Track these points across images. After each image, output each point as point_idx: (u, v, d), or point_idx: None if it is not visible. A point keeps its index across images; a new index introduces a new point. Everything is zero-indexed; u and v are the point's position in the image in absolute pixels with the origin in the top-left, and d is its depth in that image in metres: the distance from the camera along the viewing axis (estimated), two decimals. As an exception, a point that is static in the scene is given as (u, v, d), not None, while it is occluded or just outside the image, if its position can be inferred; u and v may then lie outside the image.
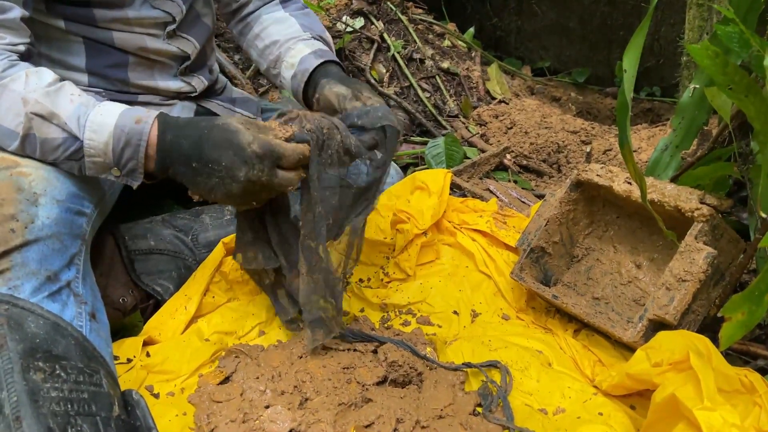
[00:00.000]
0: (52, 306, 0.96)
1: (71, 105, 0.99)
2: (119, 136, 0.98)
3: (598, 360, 1.16)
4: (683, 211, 1.11)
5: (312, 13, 1.44)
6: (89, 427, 0.80)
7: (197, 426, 1.00)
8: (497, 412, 1.03)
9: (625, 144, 1.02)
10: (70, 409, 0.80)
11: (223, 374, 1.10)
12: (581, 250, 1.37)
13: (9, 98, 0.97)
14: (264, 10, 1.41)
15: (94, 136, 0.98)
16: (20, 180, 0.99)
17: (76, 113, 0.98)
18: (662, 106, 3.02)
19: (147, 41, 1.23)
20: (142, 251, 1.34)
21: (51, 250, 0.99)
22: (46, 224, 0.99)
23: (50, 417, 0.76)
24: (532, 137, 2.20)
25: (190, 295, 1.26)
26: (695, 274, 1.05)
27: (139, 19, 1.20)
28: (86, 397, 0.83)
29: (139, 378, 1.09)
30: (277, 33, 1.36)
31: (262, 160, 0.97)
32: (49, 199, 1.01)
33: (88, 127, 0.98)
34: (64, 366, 0.83)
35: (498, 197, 1.81)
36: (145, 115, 0.99)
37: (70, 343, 0.87)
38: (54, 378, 0.81)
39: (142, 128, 0.98)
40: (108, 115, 0.99)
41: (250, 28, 1.41)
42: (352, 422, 0.97)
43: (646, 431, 0.94)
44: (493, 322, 1.30)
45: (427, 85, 2.56)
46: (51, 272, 0.99)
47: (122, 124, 0.98)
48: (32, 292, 0.95)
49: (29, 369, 0.79)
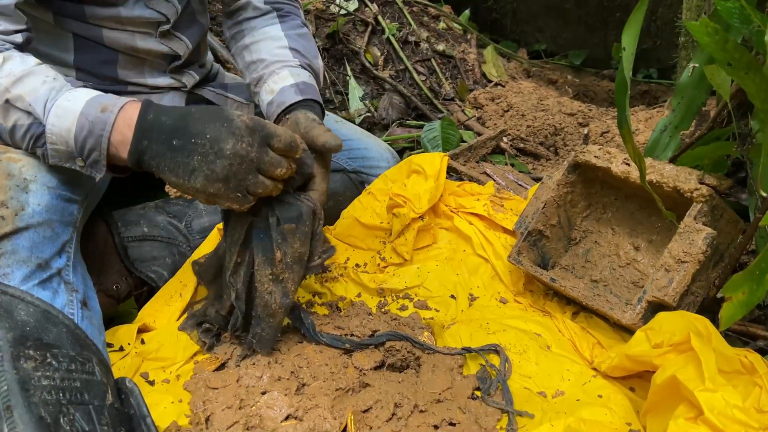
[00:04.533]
0: (42, 294, 0.95)
1: (42, 87, 0.92)
2: (83, 124, 0.91)
3: (596, 342, 1.15)
4: (682, 191, 1.10)
5: (308, 34, 1.37)
6: (82, 415, 0.79)
7: (193, 413, 0.99)
8: (496, 395, 1.02)
9: (624, 124, 1.01)
10: (62, 397, 0.78)
11: (219, 360, 1.09)
12: (579, 233, 1.36)
13: None
14: (260, 22, 1.35)
15: (56, 121, 0.92)
16: (10, 165, 0.97)
17: (45, 96, 0.92)
18: (659, 88, 3.00)
19: (137, 41, 1.20)
20: (136, 238, 1.32)
21: (42, 238, 0.98)
22: (36, 211, 0.97)
23: (42, 406, 0.75)
24: (528, 120, 2.18)
25: (185, 281, 1.25)
26: (694, 255, 1.04)
27: (131, 19, 1.17)
28: (78, 386, 0.82)
29: (134, 365, 1.08)
30: (266, 51, 1.30)
31: (252, 133, 0.90)
32: (40, 185, 0.99)
33: (52, 112, 0.91)
34: (56, 354, 0.82)
35: (495, 180, 1.80)
36: (111, 103, 0.92)
37: (62, 331, 0.86)
38: (45, 366, 0.79)
39: (107, 117, 0.91)
40: (75, 100, 0.92)
41: (242, 37, 1.36)
42: (350, 407, 0.96)
43: (646, 413, 0.94)
44: (490, 306, 1.29)
45: (423, 68, 2.53)
46: (42, 260, 0.97)
47: (87, 112, 0.91)
48: (22, 280, 0.94)
49: (19, 357, 0.78)
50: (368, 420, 0.95)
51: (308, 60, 1.30)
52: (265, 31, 1.33)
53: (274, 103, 1.22)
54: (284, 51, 1.29)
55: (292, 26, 1.35)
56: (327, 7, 2.55)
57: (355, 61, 2.47)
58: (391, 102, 2.31)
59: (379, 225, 1.43)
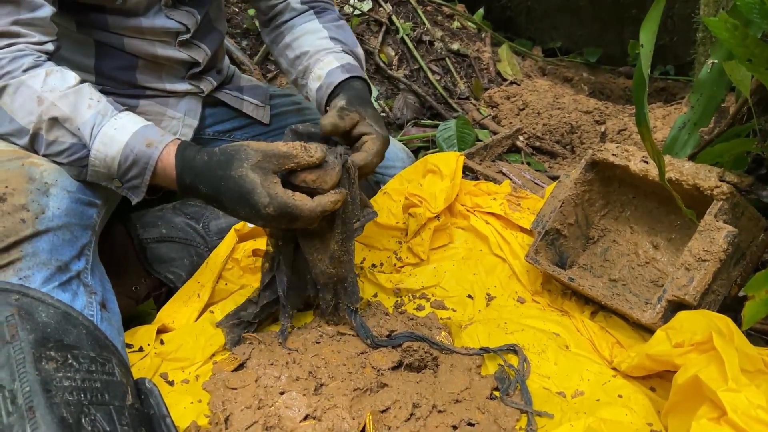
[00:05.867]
0: (62, 296, 0.96)
1: (89, 111, 0.99)
2: (127, 155, 0.99)
3: (616, 342, 1.14)
4: (702, 189, 1.09)
5: (346, 25, 1.40)
6: (103, 416, 0.79)
7: (212, 413, 0.99)
8: (515, 395, 1.01)
9: (642, 121, 1.00)
10: (84, 398, 0.79)
11: (238, 361, 1.10)
12: (597, 232, 1.35)
13: (24, 95, 0.97)
14: (297, 21, 1.37)
15: (102, 148, 0.99)
16: (32, 170, 0.98)
17: (92, 121, 0.99)
18: (676, 84, 2.97)
19: (158, 48, 1.22)
20: (154, 239, 1.34)
21: (61, 241, 0.99)
22: (56, 215, 0.98)
23: (63, 406, 0.75)
24: (544, 118, 2.17)
25: (203, 282, 1.25)
26: (715, 253, 1.03)
27: (152, 28, 1.19)
28: (99, 386, 0.82)
29: (154, 366, 1.09)
30: (308, 44, 1.33)
31: (279, 220, 0.97)
32: (60, 189, 1.00)
33: (98, 139, 0.98)
34: (76, 355, 0.83)
35: (511, 179, 1.79)
36: (157, 139, 0.99)
37: (82, 333, 0.86)
38: (66, 367, 0.80)
39: (152, 153, 0.98)
40: (121, 130, 0.99)
41: (282, 38, 1.38)
42: (368, 407, 0.96)
43: (667, 413, 0.93)
44: (508, 306, 1.28)
45: (437, 68, 2.53)
46: (61, 263, 0.98)
47: (133, 144, 0.98)
48: (43, 282, 0.95)
49: (41, 359, 0.78)
50: (387, 420, 0.95)
51: (349, 47, 1.33)
52: (303, 27, 1.35)
53: (323, 87, 1.26)
54: (325, 41, 1.32)
55: (330, 19, 1.38)
56: (341, 8, 2.55)
57: (369, 61, 2.47)
58: (406, 102, 2.31)
59: (395, 225, 1.43)
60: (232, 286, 1.29)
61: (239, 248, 1.32)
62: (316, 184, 0.99)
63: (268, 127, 1.49)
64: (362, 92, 1.22)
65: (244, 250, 1.32)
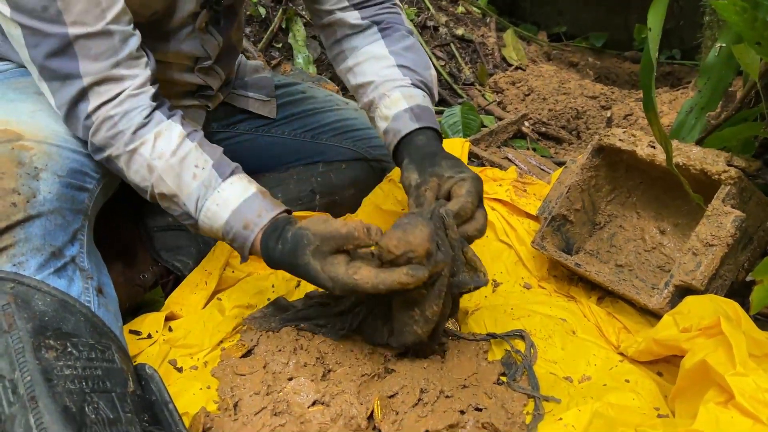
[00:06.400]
0: (58, 282, 0.95)
1: (194, 182, 1.01)
2: (227, 231, 1.02)
3: (622, 327, 1.14)
4: (710, 174, 1.09)
5: (416, 44, 1.26)
6: (105, 403, 0.78)
7: (221, 399, 1.00)
8: (522, 380, 1.02)
9: (650, 106, 0.99)
10: (85, 386, 0.78)
11: (246, 347, 1.10)
12: (604, 217, 1.34)
13: (137, 163, 1.01)
14: (361, 41, 1.23)
15: (207, 221, 1.02)
16: (21, 154, 0.97)
17: (197, 193, 1.01)
18: (682, 69, 2.96)
19: (174, 73, 1.20)
20: (161, 227, 1.34)
21: (54, 225, 0.97)
22: (47, 199, 0.97)
23: (66, 395, 0.75)
24: (550, 103, 2.16)
25: (210, 270, 1.26)
26: (723, 238, 1.03)
27: (177, 53, 1.16)
28: (100, 374, 0.82)
29: (162, 353, 1.10)
30: (373, 73, 1.21)
31: (351, 295, 0.99)
32: (50, 173, 0.98)
33: (203, 213, 1.01)
34: (75, 343, 0.82)
35: (517, 165, 1.79)
36: (253, 221, 1.00)
37: (80, 320, 0.86)
38: (66, 356, 0.79)
39: (248, 235, 1.00)
40: (223, 207, 1.01)
41: (344, 59, 1.26)
42: (376, 393, 0.97)
43: (674, 397, 0.93)
44: (514, 292, 1.28)
45: (442, 53, 2.52)
46: (55, 248, 0.97)
47: (232, 223, 1.01)
48: (38, 269, 0.94)
49: (41, 348, 0.78)
50: (394, 405, 0.95)
51: (419, 75, 1.21)
52: (368, 51, 1.23)
53: (389, 132, 1.17)
54: (392, 70, 1.20)
55: (397, 39, 1.24)
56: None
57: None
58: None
59: (401, 212, 1.43)
60: (239, 274, 1.29)
61: (246, 236, 1.32)
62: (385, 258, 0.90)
63: (273, 118, 1.48)
64: (429, 146, 1.12)
65: (250, 238, 1.32)
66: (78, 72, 0.96)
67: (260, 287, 1.26)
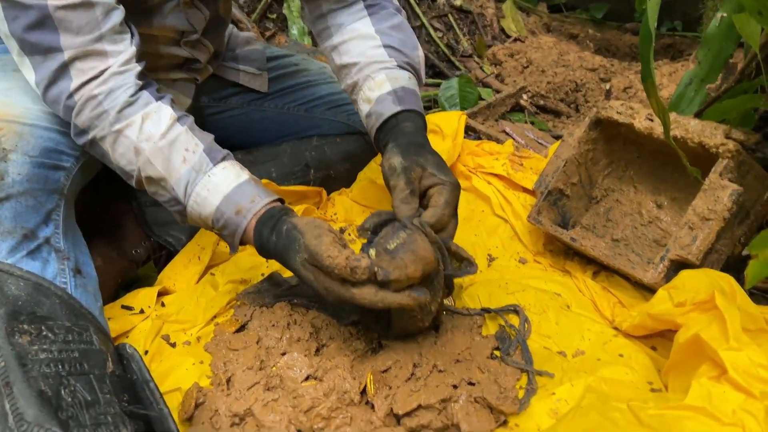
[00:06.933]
0: (32, 265, 0.94)
1: (183, 166, 0.98)
2: (218, 218, 0.99)
3: (617, 301, 1.14)
4: (707, 147, 1.07)
5: (402, 24, 1.22)
6: (83, 386, 0.78)
7: (214, 374, 1.00)
8: (515, 355, 1.02)
9: (648, 77, 0.97)
10: (62, 369, 0.78)
11: (239, 322, 1.10)
12: (600, 191, 1.33)
13: (123, 145, 0.98)
14: (347, 18, 1.19)
15: (196, 207, 0.99)
16: None
17: (186, 178, 0.98)
18: (683, 41, 2.91)
19: (161, 47, 1.17)
20: (152, 202, 1.32)
21: (24, 207, 0.96)
22: (17, 180, 0.95)
23: (41, 379, 0.74)
24: (549, 76, 2.14)
25: (203, 245, 1.25)
26: (719, 212, 1.01)
27: (162, 27, 1.14)
28: (77, 356, 0.81)
29: (155, 328, 1.09)
30: (358, 53, 1.17)
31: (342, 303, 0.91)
32: (20, 154, 0.97)
33: (192, 198, 0.98)
34: (51, 326, 0.81)
35: (514, 139, 1.77)
36: (246, 207, 0.98)
37: (55, 303, 0.85)
38: (41, 340, 0.78)
39: (240, 221, 0.98)
40: (214, 192, 0.98)
41: (330, 36, 1.21)
42: (369, 367, 0.97)
43: (668, 372, 0.93)
44: (509, 266, 1.28)
45: (440, 24, 2.48)
46: (27, 230, 0.95)
47: (224, 209, 0.98)
48: (10, 252, 0.92)
49: (14, 333, 0.77)
50: (387, 380, 0.95)
51: (406, 56, 1.18)
52: (354, 29, 1.19)
53: (372, 115, 1.14)
54: (378, 51, 1.16)
55: (384, 17, 1.20)
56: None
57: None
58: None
59: (396, 186, 1.42)
60: (232, 249, 1.29)
61: (239, 210, 1.31)
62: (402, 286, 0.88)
63: (265, 92, 1.46)
64: (416, 135, 1.09)
65: (244, 213, 1.31)
66: (59, 45, 0.93)
67: (254, 262, 1.26)
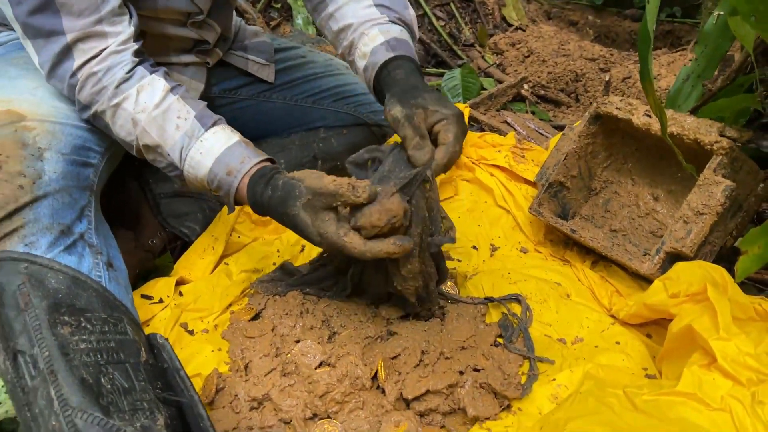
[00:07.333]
0: (69, 259, 0.98)
1: (177, 132, 1.03)
2: (212, 179, 1.04)
3: (615, 290, 1.19)
4: (702, 144, 1.12)
5: None
6: (120, 374, 0.83)
7: (232, 360, 1.05)
8: (518, 342, 1.07)
9: (646, 77, 1.01)
10: (100, 358, 0.83)
11: (254, 311, 1.15)
12: (599, 183, 1.38)
13: (121, 117, 1.04)
14: None
15: (191, 170, 1.04)
16: (25, 135, 0.99)
17: (180, 144, 1.03)
18: (682, 27, 2.93)
19: (168, 28, 1.20)
20: (167, 194, 1.37)
21: (61, 204, 1.00)
22: (53, 179, 0.99)
23: (82, 368, 0.79)
24: (549, 66, 2.17)
25: (216, 235, 1.30)
26: (713, 207, 1.06)
27: (166, 9, 1.17)
28: (114, 346, 0.86)
29: (174, 316, 1.14)
30: (352, 15, 1.22)
31: (336, 253, 0.99)
32: (54, 153, 1.01)
33: (187, 162, 1.04)
34: (89, 318, 0.86)
35: (516, 129, 1.81)
36: (236, 167, 1.02)
37: (92, 295, 0.89)
38: (81, 330, 0.83)
39: (232, 181, 1.02)
40: (206, 155, 1.03)
41: (325, 7, 1.27)
42: (379, 354, 1.02)
43: (662, 359, 0.98)
44: (511, 256, 1.33)
45: (442, 13, 2.50)
46: (64, 226, 0.99)
47: (216, 171, 1.03)
48: (48, 247, 0.96)
49: (56, 324, 0.82)
50: (397, 366, 1.01)
51: (397, 13, 1.23)
52: None
53: (368, 68, 1.18)
54: (371, 10, 1.22)
55: None
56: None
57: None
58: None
59: (402, 177, 1.46)
60: (244, 239, 1.33)
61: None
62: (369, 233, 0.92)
63: (273, 83, 1.50)
64: (409, 79, 1.12)
65: (255, 204, 1.36)
66: (61, 28, 0.99)
67: (265, 252, 1.31)
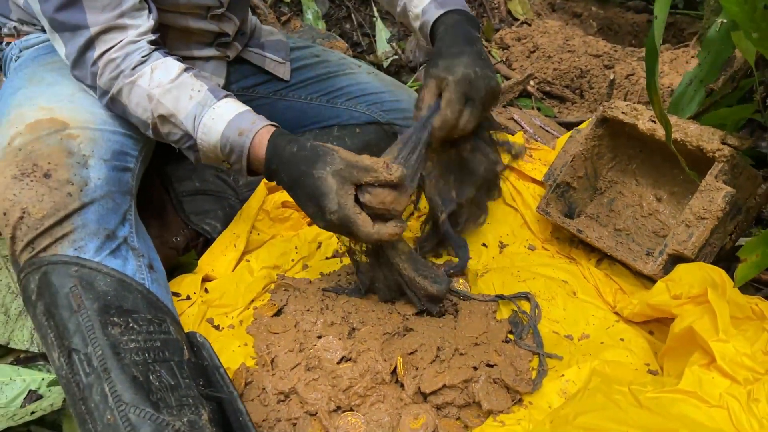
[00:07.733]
0: (114, 263, 1.02)
1: (190, 102, 1.07)
2: (225, 143, 1.07)
3: (619, 288, 1.25)
4: (705, 151, 1.17)
5: None
6: (166, 372, 0.89)
7: (258, 355, 1.11)
8: (527, 339, 1.13)
9: (652, 89, 1.06)
10: (148, 357, 0.89)
11: (276, 307, 1.21)
12: (604, 183, 1.43)
13: (137, 94, 1.08)
14: None
15: (204, 137, 1.08)
16: (70, 143, 1.04)
17: (193, 112, 1.07)
18: (685, 19, 2.97)
19: (189, 21, 1.26)
20: (189, 192, 1.42)
21: (105, 210, 1.04)
22: (98, 185, 1.04)
23: (132, 366, 0.86)
24: (555, 62, 2.21)
25: (237, 233, 1.35)
26: (714, 212, 1.12)
27: (188, 3, 1.22)
28: (159, 345, 0.92)
29: (201, 312, 1.20)
30: None
31: (338, 229, 1.03)
32: (97, 160, 1.06)
33: (200, 129, 1.08)
34: (136, 319, 0.92)
35: (522, 127, 1.86)
36: (247, 128, 1.06)
37: (137, 297, 0.96)
38: (129, 331, 0.90)
39: (244, 141, 1.06)
40: (218, 120, 1.07)
41: None
42: (398, 350, 1.08)
43: (663, 355, 1.05)
44: (519, 253, 1.39)
45: (448, 8, 2.53)
46: (109, 231, 1.04)
47: (227, 134, 1.06)
48: (95, 251, 1.00)
49: (107, 325, 0.88)
50: (414, 361, 1.07)
51: None
52: None
53: (423, 28, 1.26)
54: None
55: None
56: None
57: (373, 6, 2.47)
58: (418, 44, 2.33)
59: (414, 176, 1.51)
60: (264, 236, 1.39)
61: (269, 200, 1.41)
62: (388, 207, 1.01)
63: (289, 82, 1.54)
64: (446, 38, 1.18)
65: (273, 202, 1.41)
66: (86, 23, 1.05)
67: (284, 249, 1.36)
